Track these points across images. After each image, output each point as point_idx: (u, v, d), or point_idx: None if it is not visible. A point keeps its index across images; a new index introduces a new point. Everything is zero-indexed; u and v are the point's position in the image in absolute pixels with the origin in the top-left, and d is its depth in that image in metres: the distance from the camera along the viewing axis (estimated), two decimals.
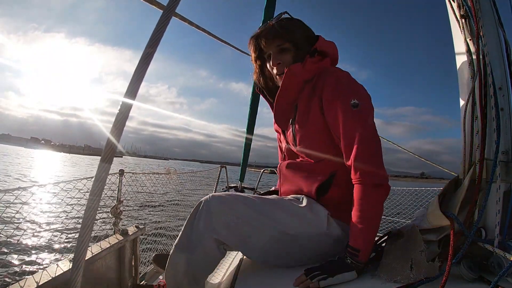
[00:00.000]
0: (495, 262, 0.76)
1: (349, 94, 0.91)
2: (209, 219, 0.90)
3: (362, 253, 0.82)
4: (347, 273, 0.81)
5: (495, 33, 0.94)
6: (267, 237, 0.90)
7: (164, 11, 0.41)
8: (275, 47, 1.05)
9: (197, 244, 0.92)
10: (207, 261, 0.94)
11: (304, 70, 1.01)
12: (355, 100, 0.90)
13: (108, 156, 0.35)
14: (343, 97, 0.91)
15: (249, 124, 2.55)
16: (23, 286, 1.02)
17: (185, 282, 0.95)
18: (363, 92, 0.95)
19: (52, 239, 4.57)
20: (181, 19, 1.06)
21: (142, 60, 0.37)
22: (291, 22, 1.07)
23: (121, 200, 1.82)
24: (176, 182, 3.10)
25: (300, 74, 1.01)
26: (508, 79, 0.92)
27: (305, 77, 1.03)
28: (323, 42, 1.06)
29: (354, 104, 0.89)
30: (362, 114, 0.89)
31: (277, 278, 0.89)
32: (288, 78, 1.02)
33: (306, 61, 1.02)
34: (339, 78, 0.96)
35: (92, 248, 1.41)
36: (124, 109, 0.36)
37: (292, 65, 1.01)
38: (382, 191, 0.86)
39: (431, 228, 0.89)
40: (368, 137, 0.87)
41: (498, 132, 0.85)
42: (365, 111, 0.90)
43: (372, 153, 0.87)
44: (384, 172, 0.86)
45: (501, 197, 0.82)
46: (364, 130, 0.87)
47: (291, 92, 1.05)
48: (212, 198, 0.93)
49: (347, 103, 0.90)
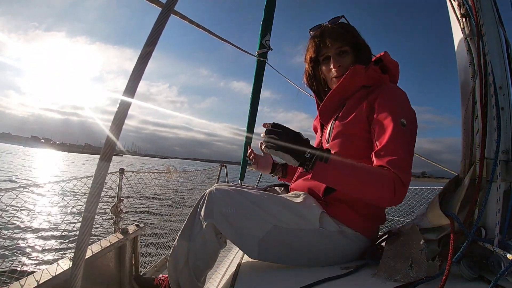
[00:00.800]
0: (495, 262, 0.76)
1: (403, 112, 0.92)
2: (210, 207, 0.94)
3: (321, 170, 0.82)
4: (292, 158, 0.83)
5: (495, 32, 0.93)
6: (262, 230, 0.91)
7: (163, 9, 0.41)
8: (335, 49, 1.04)
9: (198, 231, 0.97)
10: (206, 249, 0.97)
11: (366, 74, 1.01)
12: (404, 120, 0.89)
13: (107, 154, 0.35)
14: (397, 112, 0.91)
15: (250, 122, 2.55)
16: (24, 285, 1.02)
17: (185, 272, 0.99)
18: (414, 118, 0.95)
19: (53, 238, 4.58)
20: (180, 17, 1.06)
21: (141, 58, 0.37)
22: (352, 27, 1.08)
23: (121, 198, 1.82)
24: (176, 181, 3.10)
25: (362, 76, 1.01)
26: (508, 78, 0.91)
27: (365, 82, 1.03)
28: (389, 58, 1.07)
29: (403, 123, 0.89)
30: (407, 136, 0.89)
31: (277, 278, 0.89)
32: (351, 76, 1.01)
33: (370, 67, 1.02)
34: (400, 94, 0.97)
35: (92, 247, 1.42)
36: (123, 107, 0.36)
37: (358, 65, 1.01)
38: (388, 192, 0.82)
39: (431, 227, 0.89)
40: (408, 158, 0.87)
41: (499, 131, 0.85)
42: (409, 134, 0.91)
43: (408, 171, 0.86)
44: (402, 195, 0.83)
45: (501, 196, 0.82)
46: (405, 152, 0.87)
47: (347, 90, 1.05)
48: (216, 189, 0.97)
49: (399, 119, 0.89)
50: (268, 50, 2.40)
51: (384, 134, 0.89)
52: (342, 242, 0.93)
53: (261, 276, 0.93)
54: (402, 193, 0.83)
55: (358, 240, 0.95)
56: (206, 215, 0.94)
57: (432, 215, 0.89)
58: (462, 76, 1.03)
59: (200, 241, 0.97)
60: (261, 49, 2.38)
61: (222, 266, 1.59)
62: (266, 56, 2.42)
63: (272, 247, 0.92)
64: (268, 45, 2.38)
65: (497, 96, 0.88)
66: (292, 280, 0.82)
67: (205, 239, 0.96)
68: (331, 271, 0.85)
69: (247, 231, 0.92)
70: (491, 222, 0.85)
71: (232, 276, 0.96)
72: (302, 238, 0.91)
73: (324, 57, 1.08)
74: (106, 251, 1.45)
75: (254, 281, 0.91)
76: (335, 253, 0.94)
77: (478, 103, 0.92)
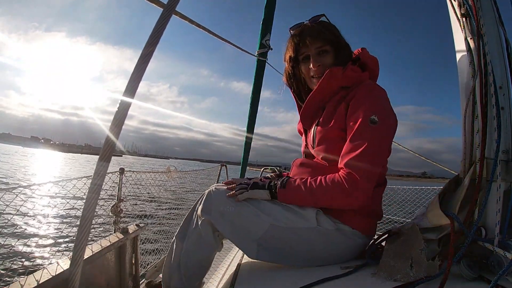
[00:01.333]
0: (495, 261, 0.76)
1: (374, 109, 0.90)
2: (208, 205, 0.96)
3: (283, 194, 0.93)
4: (263, 190, 0.95)
5: (495, 32, 0.93)
6: (260, 229, 0.91)
7: (164, 10, 0.41)
8: (315, 48, 1.03)
9: (193, 229, 0.99)
10: (200, 247, 0.97)
11: (343, 76, 0.99)
12: (376, 117, 0.88)
13: (107, 154, 0.35)
14: (367, 109, 0.90)
15: (249, 122, 2.55)
16: (24, 285, 1.02)
17: (176, 275, 0.98)
18: (389, 115, 0.93)
19: (53, 237, 4.58)
20: (181, 17, 1.06)
21: (142, 58, 0.37)
22: (332, 26, 1.06)
23: (122, 198, 1.82)
24: (176, 180, 3.10)
25: (339, 78, 1.00)
26: (508, 78, 0.91)
27: (343, 83, 1.01)
28: (367, 55, 1.06)
29: (373, 120, 0.88)
30: (375, 133, 0.88)
31: (277, 278, 0.89)
32: (327, 79, 1.00)
33: (348, 67, 1.00)
34: (373, 91, 0.96)
35: (92, 246, 1.42)
36: (123, 107, 0.35)
37: (334, 67, 0.99)
38: (343, 198, 0.87)
39: (431, 227, 0.89)
40: (370, 153, 0.87)
41: (499, 131, 0.85)
42: (380, 132, 0.89)
43: (367, 167, 0.86)
44: (362, 193, 0.86)
45: (501, 196, 0.82)
46: (369, 147, 0.86)
47: (325, 94, 1.04)
48: (215, 188, 1.00)
49: (367, 116, 0.89)
50: (268, 49, 2.40)
51: (351, 132, 0.90)
52: (339, 239, 0.93)
53: (261, 276, 0.93)
54: (361, 192, 0.86)
55: (356, 237, 0.95)
56: (204, 212, 0.95)
57: (432, 215, 0.88)
58: (462, 76, 1.03)
59: (194, 238, 0.97)
60: (261, 49, 2.38)
61: (222, 266, 1.58)
62: (266, 56, 2.42)
63: (271, 246, 0.92)
64: (268, 45, 2.39)
65: (497, 95, 0.88)
66: (292, 280, 0.82)
67: (201, 236, 0.96)
68: (331, 271, 0.85)
69: (245, 230, 0.92)
70: (491, 222, 0.85)
71: (232, 276, 0.96)
72: (299, 236, 0.91)
73: (303, 56, 1.06)
74: (106, 250, 1.45)
75: (254, 281, 0.91)
76: (333, 250, 0.94)
77: (478, 102, 0.92)
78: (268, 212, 0.92)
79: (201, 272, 1.01)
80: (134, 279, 1.75)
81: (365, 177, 0.85)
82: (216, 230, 0.96)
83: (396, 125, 0.96)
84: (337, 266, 0.89)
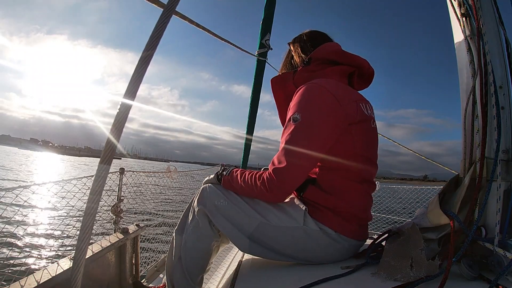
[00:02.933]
0: (495, 261, 0.76)
1: (297, 108, 0.93)
2: (203, 198, 1.02)
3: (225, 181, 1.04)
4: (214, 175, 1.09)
5: (495, 32, 0.93)
6: (251, 226, 0.95)
7: (164, 10, 0.41)
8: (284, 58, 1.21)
9: (190, 221, 1.04)
10: (199, 237, 1.02)
11: (294, 79, 1.07)
12: (298, 115, 0.91)
13: (108, 157, 0.35)
14: (292, 109, 0.95)
15: (249, 123, 2.54)
16: (24, 285, 1.02)
17: (178, 268, 1.02)
18: (312, 111, 0.91)
19: (53, 237, 4.58)
20: (181, 17, 1.06)
21: (142, 59, 0.36)
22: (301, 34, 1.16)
23: (122, 198, 1.82)
24: (176, 180, 3.10)
25: (290, 82, 1.09)
26: (508, 77, 0.91)
27: (296, 85, 1.04)
28: (322, 50, 1.06)
29: (295, 118, 0.91)
30: (295, 130, 0.90)
31: (277, 278, 0.89)
32: (274, 84, 1.14)
33: (298, 70, 1.08)
34: (302, 91, 0.95)
35: (92, 246, 1.42)
36: (123, 110, 0.35)
37: (284, 72, 1.13)
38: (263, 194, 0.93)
39: (431, 227, 0.89)
40: (289, 151, 0.89)
41: (499, 130, 0.85)
42: (302, 128, 0.90)
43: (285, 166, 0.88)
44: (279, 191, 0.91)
45: (501, 195, 0.82)
46: (287, 144, 0.90)
47: (284, 97, 1.13)
48: (209, 184, 1.07)
49: (291, 115, 0.93)
50: (268, 49, 2.39)
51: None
52: (325, 241, 0.93)
53: (261, 276, 0.93)
54: (279, 189, 0.91)
55: (341, 240, 0.94)
56: (199, 203, 1.02)
57: (432, 214, 0.89)
58: (462, 76, 1.03)
59: (192, 229, 1.03)
60: (261, 49, 2.37)
61: (222, 265, 1.59)
62: (266, 56, 2.41)
63: (261, 243, 0.95)
64: (268, 45, 2.38)
65: (497, 95, 0.88)
66: (292, 280, 0.83)
67: (198, 226, 1.02)
68: (331, 271, 0.85)
69: (238, 224, 0.96)
70: (491, 221, 0.85)
71: (233, 275, 0.96)
72: (287, 235, 0.93)
73: None
74: (106, 251, 1.45)
75: (254, 280, 0.91)
76: (322, 251, 0.94)
77: (479, 102, 0.92)
78: (258, 209, 0.96)
79: (202, 264, 1.05)
80: (134, 279, 1.75)
81: (280, 176, 0.89)
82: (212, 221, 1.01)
83: (326, 121, 0.90)
84: (338, 266, 0.89)
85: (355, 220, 0.97)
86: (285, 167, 0.88)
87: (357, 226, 0.98)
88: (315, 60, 1.05)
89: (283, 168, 0.88)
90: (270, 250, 0.95)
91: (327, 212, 0.94)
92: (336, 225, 0.93)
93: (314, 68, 1.04)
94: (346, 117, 0.92)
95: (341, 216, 0.94)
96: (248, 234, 0.95)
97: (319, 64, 1.04)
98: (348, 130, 0.93)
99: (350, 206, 0.94)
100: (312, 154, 0.90)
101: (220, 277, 1.38)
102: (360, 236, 0.99)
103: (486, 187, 0.86)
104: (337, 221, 0.94)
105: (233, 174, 1.03)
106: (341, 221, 0.94)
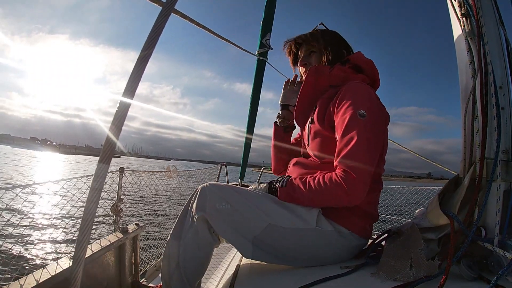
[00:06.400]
0: (495, 261, 0.76)
1: (361, 103, 0.91)
2: (202, 202, 0.92)
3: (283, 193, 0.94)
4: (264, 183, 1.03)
5: (496, 32, 0.93)
6: (257, 228, 0.90)
7: (163, 8, 0.41)
8: (304, 51, 1.16)
9: (189, 227, 0.95)
10: (198, 245, 0.95)
11: (330, 74, 1.05)
12: (363, 111, 0.89)
13: (107, 155, 0.35)
14: (354, 104, 0.91)
15: (249, 123, 2.54)
16: (23, 284, 1.02)
17: (177, 275, 0.96)
18: (377, 109, 0.94)
19: (52, 237, 4.58)
20: (181, 16, 1.05)
21: (141, 58, 0.36)
22: (321, 31, 1.17)
23: (121, 198, 1.82)
24: (176, 180, 3.10)
25: (326, 76, 1.06)
26: (509, 78, 0.91)
27: (331, 82, 1.06)
28: (359, 56, 1.10)
29: (361, 114, 0.89)
30: (366, 126, 0.89)
31: (277, 278, 0.89)
32: (311, 75, 1.08)
33: (335, 67, 1.06)
34: (361, 87, 0.97)
35: (92, 246, 1.41)
36: (122, 108, 0.35)
37: (319, 65, 1.08)
38: (343, 197, 0.86)
39: (431, 227, 0.89)
40: (362, 147, 0.87)
41: (499, 131, 0.85)
42: (370, 124, 0.89)
43: (362, 163, 0.86)
44: (361, 190, 0.86)
45: (501, 196, 0.82)
46: (360, 140, 0.87)
47: (312, 91, 1.09)
48: (209, 184, 0.96)
49: (355, 110, 0.90)
50: (269, 49, 2.39)
51: (342, 127, 0.91)
52: (336, 240, 0.93)
53: (260, 276, 0.93)
54: (358, 188, 0.85)
55: (354, 239, 0.95)
56: (198, 209, 0.92)
57: (432, 214, 0.89)
58: (462, 76, 1.03)
59: (191, 236, 0.95)
60: (261, 49, 2.37)
61: (221, 266, 1.59)
62: (266, 56, 2.41)
63: (267, 246, 0.91)
64: (268, 45, 2.38)
65: (497, 95, 0.88)
66: (291, 280, 0.82)
67: (197, 233, 0.94)
68: (331, 271, 0.85)
69: (241, 227, 0.91)
70: (491, 222, 0.85)
71: (232, 276, 0.96)
72: (298, 237, 0.91)
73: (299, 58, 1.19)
74: (106, 250, 1.45)
75: (253, 281, 0.91)
76: (331, 252, 0.94)
77: (479, 102, 0.92)
78: (266, 210, 0.92)
79: (201, 270, 1.00)
80: (134, 279, 1.75)
81: (360, 174, 0.85)
82: (212, 227, 0.94)
83: (386, 119, 0.98)
84: (337, 266, 0.89)
85: (369, 218, 1.00)
86: (362, 165, 0.85)
87: (368, 224, 1.01)
88: (350, 63, 1.08)
89: (361, 167, 0.85)
90: (275, 254, 0.92)
91: (342, 210, 0.94)
92: (351, 223, 0.94)
93: (349, 70, 1.06)
94: (388, 119, 1.00)
95: (357, 215, 0.95)
96: (252, 238, 0.90)
97: (351, 67, 1.07)
98: (386, 131, 1.00)
99: (366, 203, 0.96)
100: (378, 150, 0.93)
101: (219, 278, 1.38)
102: (368, 235, 1.01)
103: (486, 187, 0.86)
104: (353, 220, 0.95)
105: (293, 184, 0.95)
106: (356, 219, 0.95)
